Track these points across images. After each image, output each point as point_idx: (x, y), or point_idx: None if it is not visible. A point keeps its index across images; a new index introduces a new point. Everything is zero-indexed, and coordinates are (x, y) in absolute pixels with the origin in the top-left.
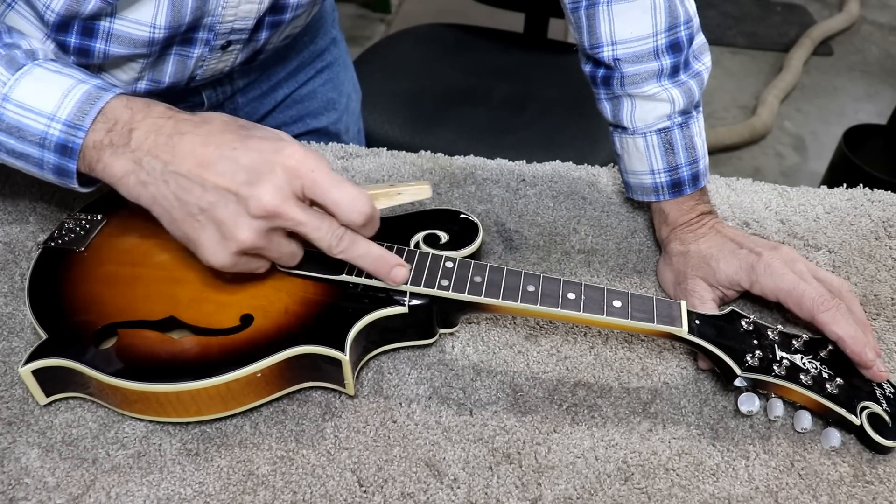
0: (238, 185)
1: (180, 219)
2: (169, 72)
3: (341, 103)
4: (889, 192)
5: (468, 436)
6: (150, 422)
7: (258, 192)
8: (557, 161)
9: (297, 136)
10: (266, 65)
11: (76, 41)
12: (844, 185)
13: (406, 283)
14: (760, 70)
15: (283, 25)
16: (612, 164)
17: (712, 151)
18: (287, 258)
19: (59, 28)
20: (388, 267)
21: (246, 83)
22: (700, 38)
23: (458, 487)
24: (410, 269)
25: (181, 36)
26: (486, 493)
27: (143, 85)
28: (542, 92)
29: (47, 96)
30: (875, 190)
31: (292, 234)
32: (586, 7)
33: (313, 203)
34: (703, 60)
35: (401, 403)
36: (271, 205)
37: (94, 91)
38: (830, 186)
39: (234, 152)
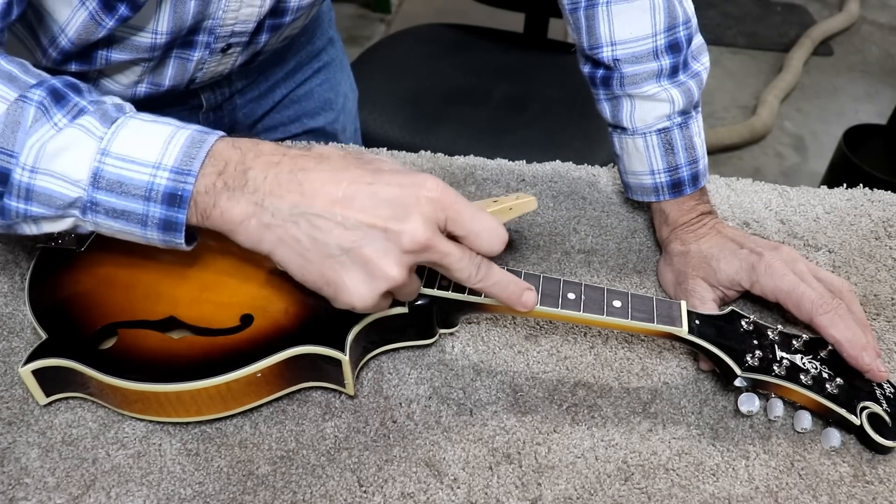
0: (385, 221)
1: (316, 261)
2: (169, 75)
3: (338, 103)
4: (889, 192)
5: (468, 436)
6: (150, 422)
7: (410, 227)
8: (557, 161)
9: (295, 137)
10: (264, 66)
11: (76, 51)
12: (844, 185)
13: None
14: (760, 70)
15: (283, 28)
16: (611, 164)
17: (712, 151)
18: (414, 293)
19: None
20: (520, 291)
21: (244, 84)
22: (698, 39)
23: (458, 487)
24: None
25: (181, 39)
26: (486, 493)
27: (142, 88)
28: (542, 92)
29: (149, 146)
30: (875, 190)
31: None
32: (585, 8)
33: (450, 234)
34: (702, 61)
35: (401, 403)
36: (424, 238)
37: (198, 135)
38: (830, 186)
39: (371, 187)
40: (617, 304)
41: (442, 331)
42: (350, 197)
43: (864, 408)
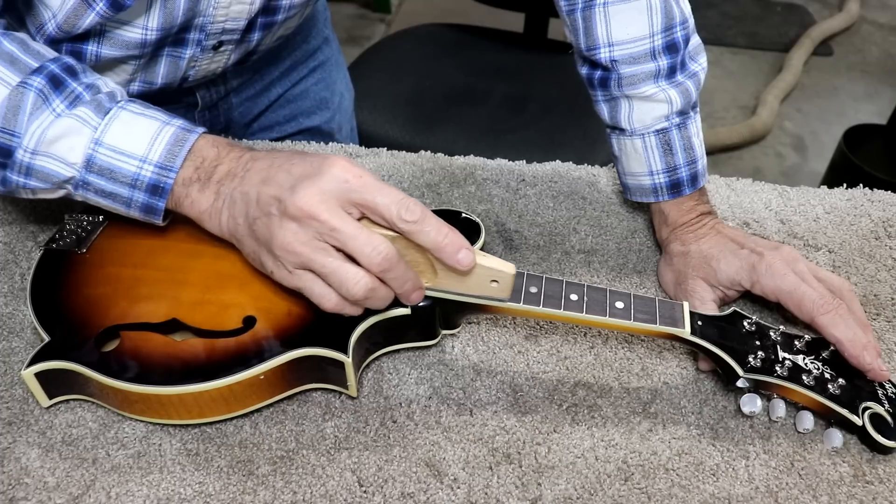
0: (283, 191)
1: (245, 235)
2: (161, 73)
3: (334, 102)
4: (889, 192)
5: (468, 436)
6: (151, 422)
7: (296, 194)
8: (557, 161)
9: (291, 136)
10: (259, 64)
11: (68, 44)
12: (844, 185)
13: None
14: (760, 70)
15: (276, 27)
16: (611, 165)
17: (712, 151)
18: (339, 281)
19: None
20: (412, 291)
21: (239, 83)
22: (696, 39)
23: (458, 487)
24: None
25: (173, 37)
26: (486, 493)
27: (135, 87)
28: (542, 92)
29: (137, 139)
30: (875, 190)
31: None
32: (582, 9)
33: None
34: (700, 61)
35: (401, 403)
36: (307, 205)
37: (181, 133)
38: (830, 186)
39: (291, 166)
40: (619, 305)
41: (444, 332)
42: (272, 175)
43: (865, 408)
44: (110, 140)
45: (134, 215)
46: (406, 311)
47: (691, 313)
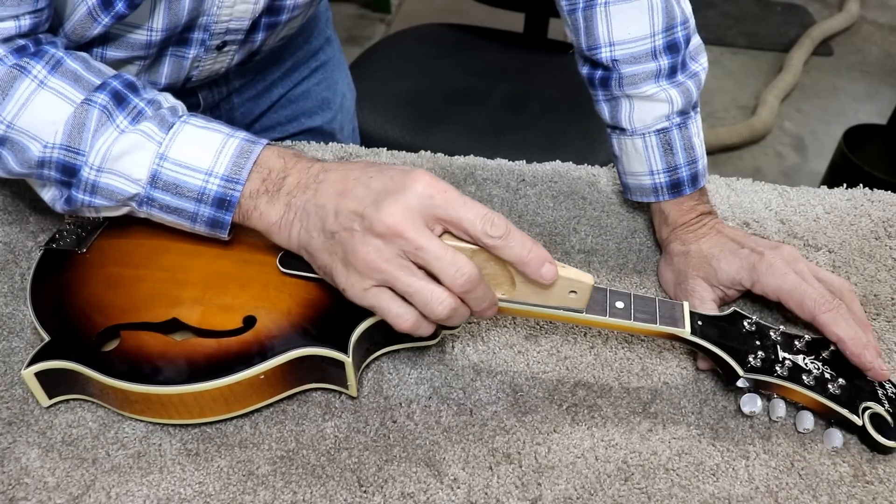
0: (365, 207)
1: (319, 249)
2: (165, 73)
3: (336, 102)
4: (889, 192)
5: (468, 436)
6: (151, 422)
7: (382, 211)
8: (557, 161)
9: (292, 136)
10: (261, 65)
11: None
12: (844, 185)
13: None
14: (760, 70)
15: (280, 27)
16: (611, 164)
17: (712, 151)
18: (424, 301)
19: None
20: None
21: (241, 83)
22: (696, 40)
23: (458, 487)
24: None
25: (177, 36)
26: (486, 493)
27: None
28: (542, 92)
29: (202, 153)
30: (875, 190)
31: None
32: (583, 9)
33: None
34: (700, 61)
35: (401, 403)
36: (393, 222)
37: (245, 144)
38: (830, 186)
39: (370, 180)
40: (620, 305)
41: (444, 331)
42: (350, 188)
43: (866, 408)
44: (175, 154)
45: (199, 230)
46: None
47: (691, 313)
